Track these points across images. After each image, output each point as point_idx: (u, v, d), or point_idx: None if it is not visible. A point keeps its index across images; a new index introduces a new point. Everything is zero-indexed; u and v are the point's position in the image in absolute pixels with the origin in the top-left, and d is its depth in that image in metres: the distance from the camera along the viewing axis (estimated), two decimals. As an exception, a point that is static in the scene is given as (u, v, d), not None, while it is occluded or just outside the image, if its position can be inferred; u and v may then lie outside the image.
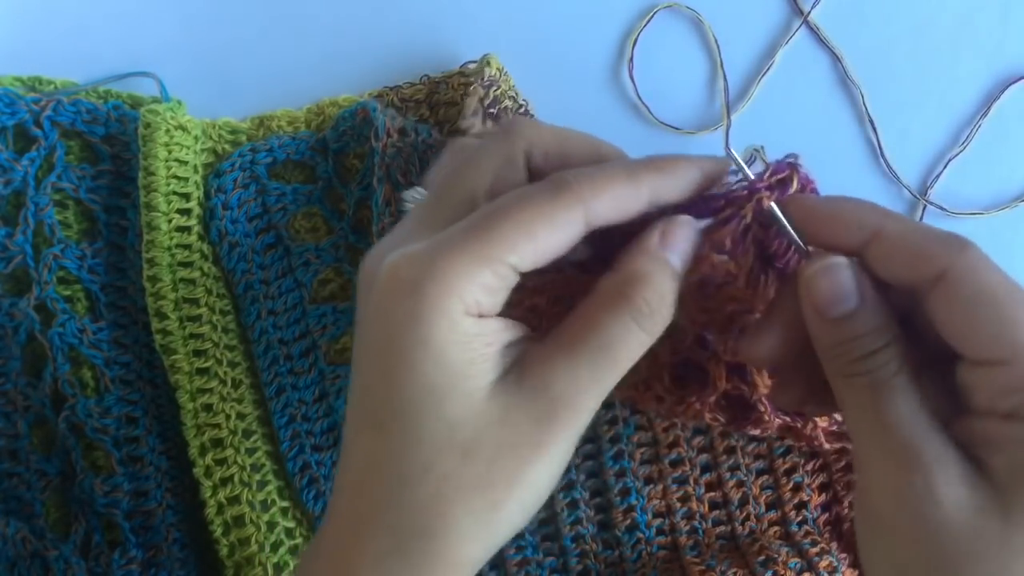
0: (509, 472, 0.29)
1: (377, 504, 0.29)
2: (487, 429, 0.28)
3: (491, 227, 0.29)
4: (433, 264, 0.28)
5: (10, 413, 0.44)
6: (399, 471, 0.29)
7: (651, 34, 0.48)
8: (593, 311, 0.30)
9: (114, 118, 0.46)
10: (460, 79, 0.47)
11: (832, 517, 0.42)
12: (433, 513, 0.28)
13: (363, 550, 0.29)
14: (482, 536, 0.29)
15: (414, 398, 0.28)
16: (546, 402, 0.29)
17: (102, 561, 0.42)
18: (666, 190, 0.30)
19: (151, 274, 0.43)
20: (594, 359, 0.29)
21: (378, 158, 0.43)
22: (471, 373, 0.29)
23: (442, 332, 0.28)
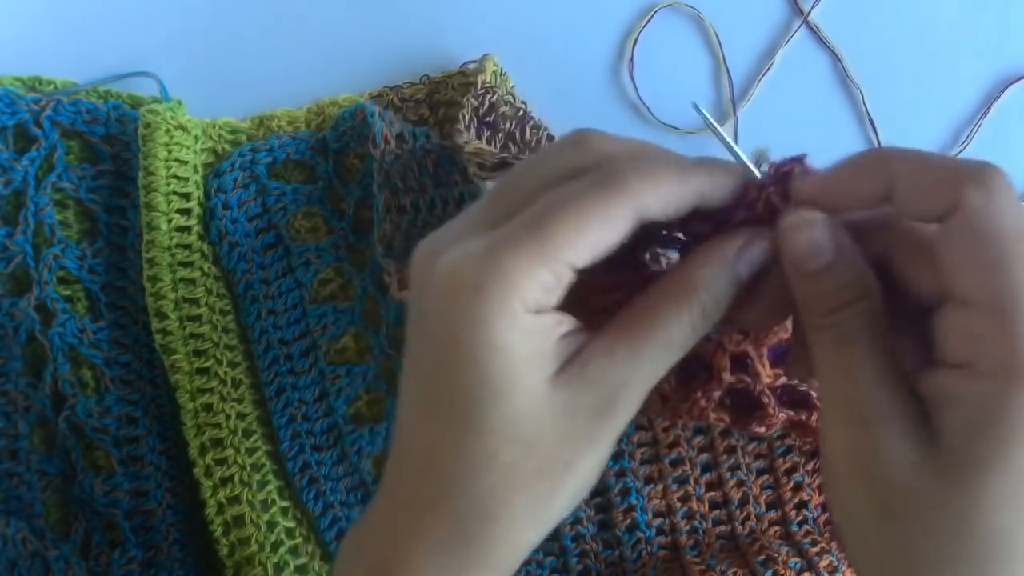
0: (567, 462, 0.30)
1: (440, 490, 0.30)
2: (550, 421, 0.30)
3: (547, 225, 0.29)
4: (491, 262, 0.29)
5: (10, 413, 0.44)
6: (465, 460, 0.30)
7: (651, 34, 0.48)
8: (658, 306, 0.31)
9: (114, 118, 0.46)
10: (460, 79, 0.47)
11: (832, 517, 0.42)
12: (496, 499, 0.30)
13: (424, 532, 0.30)
14: (538, 521, 0.30)
15: (480, 393, 0.29)
16: (606, 394, 0.30)
17: (102, 561, 0.42)
18: (711, 192, 0.31)
19: (151, 274, 0.43)
20: (656, 354, 0.30)
21: (376, 165, 0.43)
22: (533, 367, 0.29)
23: (505, 331, 0.29)
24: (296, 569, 0.42)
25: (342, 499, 0.44)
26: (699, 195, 0.31)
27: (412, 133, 0.44)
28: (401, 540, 0.31)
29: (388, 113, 0.45)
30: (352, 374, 0.44)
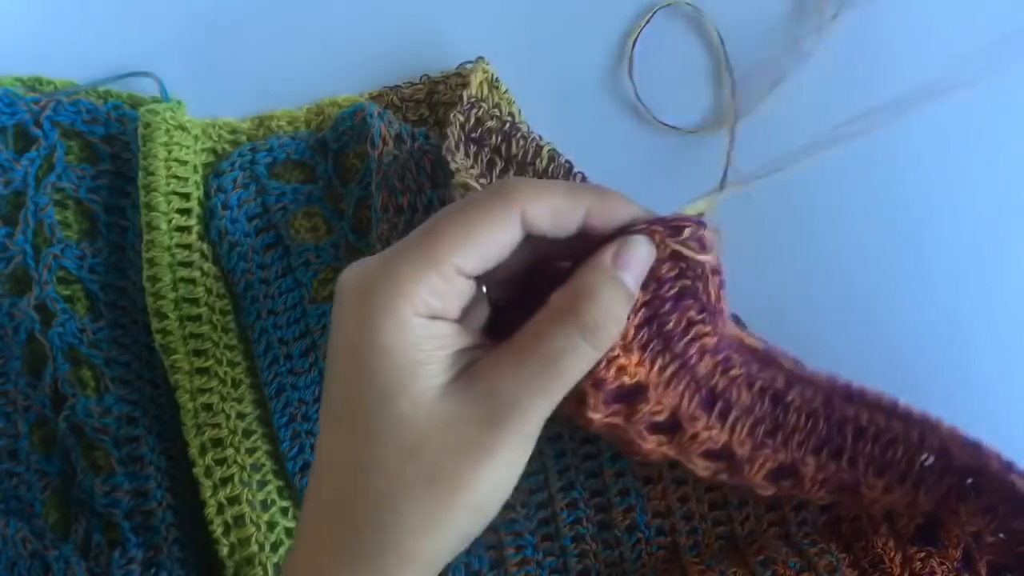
0: (453, 472, 0.30)
1: (336, 497, 0.31)
2: (434, 429, 0.30)
3: (433, 232, 0.31)
4: (381, 270, 0.30)
5: (10, 413, 0.44)
6: (355, 465, 0.30)
7: (651, 34, 0.48)
8: (543, 323, 0.31)
9: (114, 118, 0.46)
10: (458, 80, 0.47)
11: (831, 517, 0.42)
12: (383, 505, 0.30)
13: (325, 543, 0.31)
14: (433, 532, 0.30)
15: (366, 397, 0.30)
16: (492, 406, 0.30)
17: (102, 561, 0.42)
18: (600, 213, 0.32)
19: (151, 274, 0.43)
20: (540, 369, 0.31)
21: (375, 165, 0.43)
22: (420, 374, 0.30)
23: (391, 334, 0.30)
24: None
25: (342, 499, 0.44)
26: (588, 214, 0.32)
27: (411, 133, 0.44)
28: (313, 552, 0.31)
29: (387, 113, 0.45)
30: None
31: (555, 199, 0.31)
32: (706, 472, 0.37)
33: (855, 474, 0.37)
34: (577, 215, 0.32)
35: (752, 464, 0.37)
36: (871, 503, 0.38)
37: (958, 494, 0.38)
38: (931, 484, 0.38)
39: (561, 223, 0.32)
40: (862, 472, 0.37)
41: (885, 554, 0.40)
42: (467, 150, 0.41)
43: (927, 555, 0.40)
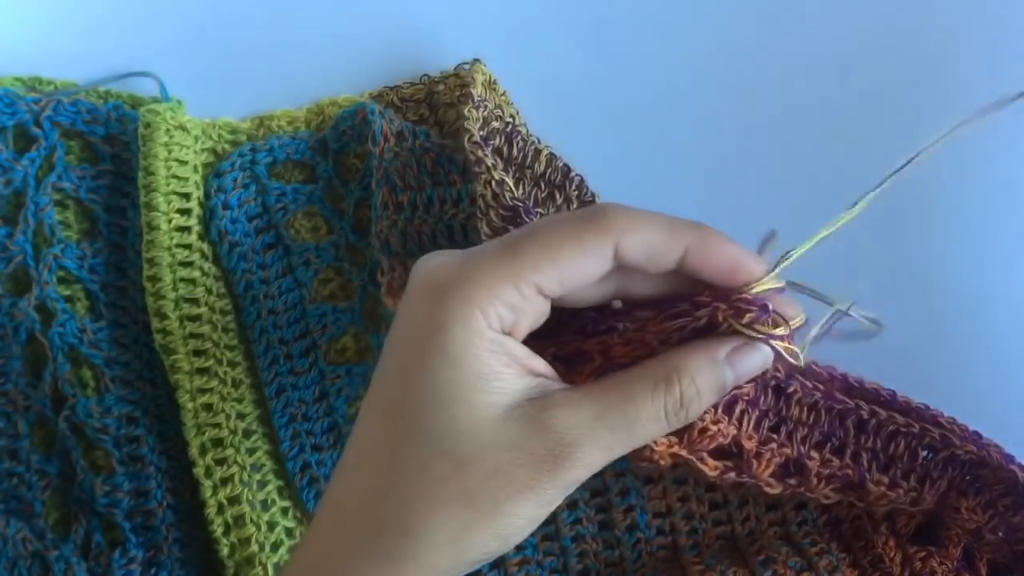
0: (494, 499, 0.29)
1: (367, 491, 0.30)
2: (489, 450, 0.29)
3: (518, 246, 0.29)
4: (460, 272, 0.29)
5: (10, 413, 0.44)
6: (396, 463, 0.29)
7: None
8: (634, 383, 0.30)
9: (114, 118, 0.46)
10: (456, 80, 0.47)
11: (832, 517, 0.42)
12: (414, 513, 0.29)
13: (347, 534, 0.30)
14: (452, 551, 0.29)
15: (426, 399, 0.29)
16: (555, 448, 0.29)
17: (102, 561, 0.42)
18: (700, 253, 0.30)
19: (151, 274, 0.43)
20: (617, 427, 0.30)
21: (376, 162, 0.43)
22: (483, 387, 0.29)
23: (459, 340, 0.29)
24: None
25: (342, 499, 0.44)
26: (687, 253, 0.30)
27: (412, 131, 0.44)
28: (327, 543, 0.30)
29: (389, 112, 0.45)
30: (352, 374, 0.45)
31: (652, 234, 0.30)
32: (715, 472, 0.36)
33: (860, 471, 0.37)
34: (675, 253, 0.30)
35: (760, 460, 0.36)
36: (877, 500, 0.38)
37: (959, 490, 0.38)
38: (935, 478, 0.38)
39: (656, 259, 0.30)
40: (866, 468, 0.37)
41: (885, 554, 0.40)
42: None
43: (927, 555, 0.40)
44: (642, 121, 0.48)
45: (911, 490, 0.38)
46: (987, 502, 0.38)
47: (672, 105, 0.48)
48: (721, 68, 0.48)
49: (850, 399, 0.38)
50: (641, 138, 0.48)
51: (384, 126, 0.43)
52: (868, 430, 0.37)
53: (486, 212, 0.38)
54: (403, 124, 0.44)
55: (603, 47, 0.49)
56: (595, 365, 0.32)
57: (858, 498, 0.38)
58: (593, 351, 0.32)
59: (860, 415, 0.37)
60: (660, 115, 0.48)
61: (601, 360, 0.32)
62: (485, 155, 0.38)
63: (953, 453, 0.37)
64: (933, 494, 0.38)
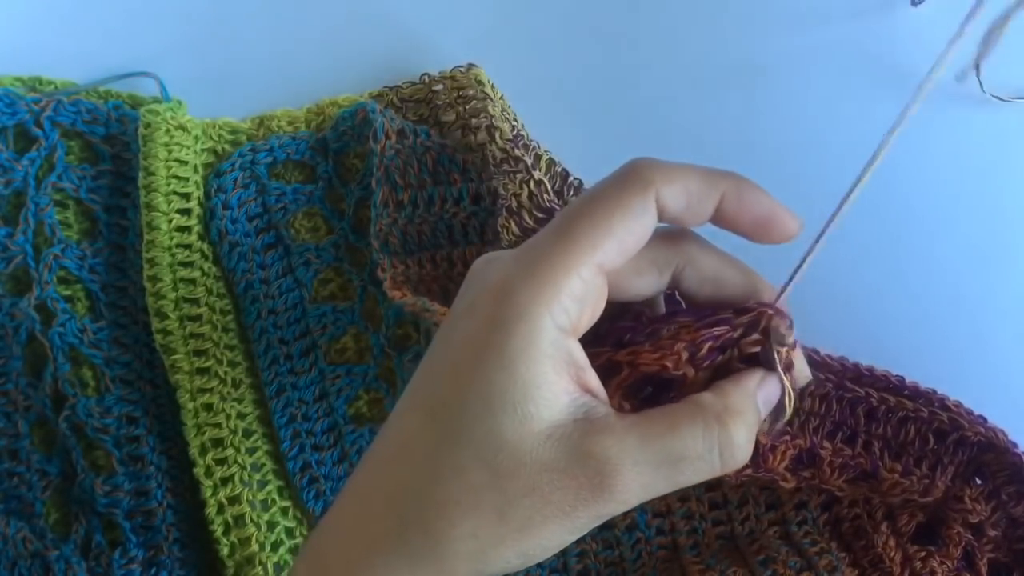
0: (527, 518, 0.28)
1: (400, 485, 0.29)
2: (530, 468, 0.28)
3: (570, 230, 0.28)
4: (522, 272, 0.28)
5: (11, 413, 0.44)
6: (433, 463, 0.28)
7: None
8: (684, 419, 0.29)
9: (114, 118, 0.46)
10: (452, 83, 0.47)
11: (832, 516, 0.42)
12: (444, 518, 0.28)
13: (371, 526, 0.29)
14: (474, 562, 0.28)
15: (475, 402, 0.28)
16: (596, 479, 0.28)
17: (102, 561, 0.42)
18: (735, 206, 0.30)
19: (151, 274, 0.43)
20: (662, 462, 0.29)
21: (376, 160, 0.43)
22: (533, 397, 0.28)
23: (520, 342, 0.28)
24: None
25: (342, 499, 0.44)
26: (724, 201, 0.30)
27: (413, 130, 0.44)
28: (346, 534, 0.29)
29: (389, 111, 0.45)
30: (352, 374, 0.45)
31: (689, 181, 0.29)
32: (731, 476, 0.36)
33: (872, 459, 0.37)
34: (712, 200, 0.29)
35: (775, 453, 0.36)
36: (891, 489, 0.37)
37: (963, 477, 0.38)
38: (946, 463, 0.37)
39: (694, 208, 0.29)
40: (878, 456, 0.37)
41: (885, 553, 0.40)
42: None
43: (927, 554, 0.40)
44: (639, 125, 0.48)
45: (923, 477, 0.37)
46: (990, 491, 0.38)
47: (669, 108, 0.48)
48: (719, 70, 0.48)
49: (860, 387, 0.37)
50: (638, 142, 0.47)
51: (385, 123, 0.43)
52: (879, 417, 0.37)
53: (517, 212, 0.37)
54: (404, 123, 0.44)
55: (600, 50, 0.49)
56: (623, 376, 0.31)
57: (871, 489, 0.38)
58: (623, 361, 0.31)
59: (870, 403, 0.37)
60: (657, 118, 0.48)
61: (629, 371, 0.31)
62: (523, 154, 0.38)
63: (963, 435, 0.37)
64: (944, 481, 0.38)
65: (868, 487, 0.38)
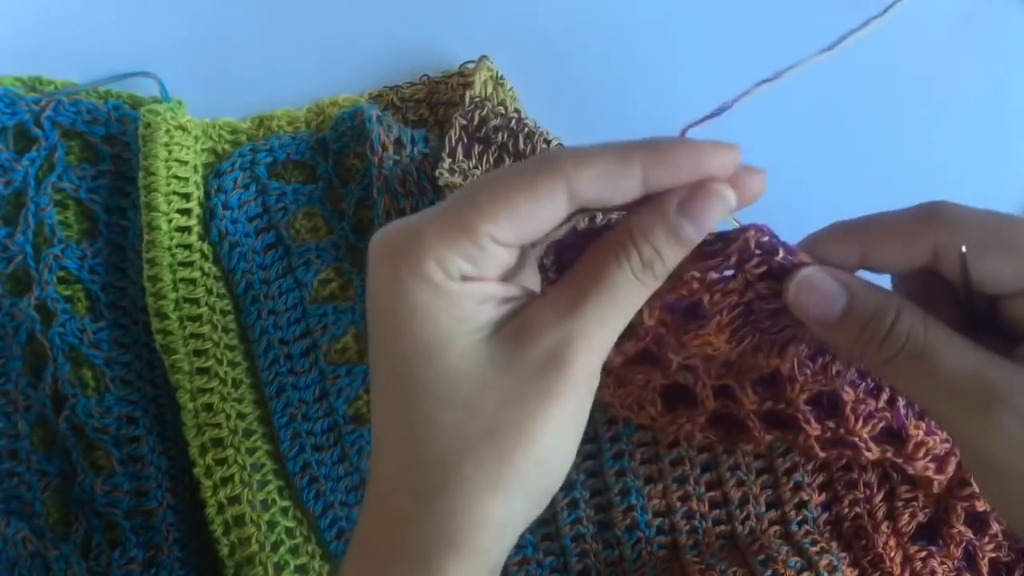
0: (514, 422, 0.28)
1: (397, 463, 0.30)
2: (490, 381, 0.28)
3: (471, 198, 0.29)
4: (412, 232, 0.29)
5: (11, 413, 0.44)
6: (408, 428, 0.29)
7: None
8: (598, 258, 0.30)
9: (114, 118, 0.46)
10: (459, 79, 0.47)
11: (832, 516, 0.42)
12: (446, 466, 0.28)
13: (394, 512, 0.29)
14: (499, 492, 0.28)
15: (410, 358, 0.29)
16: (550, 348, 0.28)
17: (102, 561, 0.42)
18: (661, 173, 0.29)
19: (151, 274, 0.43)
20: (600, 303, 0.29)
21: (375, 171, 0.43)
22: (464, 329, 0.29)
23: (425, 296, 0.28)
24: (296, 569, 0.42)
25: (342, 499, 0.44)
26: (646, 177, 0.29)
27: (410, 137, 0.44)
28: (381, 528, 0.30)
29: (387, 116, 0.45)
30: (352, 374, 0.45)
31: (603, 164, 0.28)
32: (753, 403, 0.36)
33: (897, 414, 0.37)
34: (633, 176, 0.29)
35: (793, 385, 0.36)
36: (916, 451, 0.37)
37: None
38: None
39: (615, 189, 0.29)
40: (903, 413, 0.37)
41: (886, 553, 0.40)
42: (471, 150, 0.41)
43: (928, 554, 0.40)
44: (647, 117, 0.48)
45: (944, 440, 0.37)
46: None
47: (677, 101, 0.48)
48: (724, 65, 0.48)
49: None
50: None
51: (381, 134, 0.43)
52: None
53: None
54: (401, 130, 0.44)
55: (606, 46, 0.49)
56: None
57: (896, 453, 0.37)
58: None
59: None
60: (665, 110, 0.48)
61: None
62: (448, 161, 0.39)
63: None
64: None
65: (894, 452, 0.37)
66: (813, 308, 0.30)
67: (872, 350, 0.29)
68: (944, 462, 0.37)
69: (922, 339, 0.29)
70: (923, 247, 0.30)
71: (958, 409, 0.28)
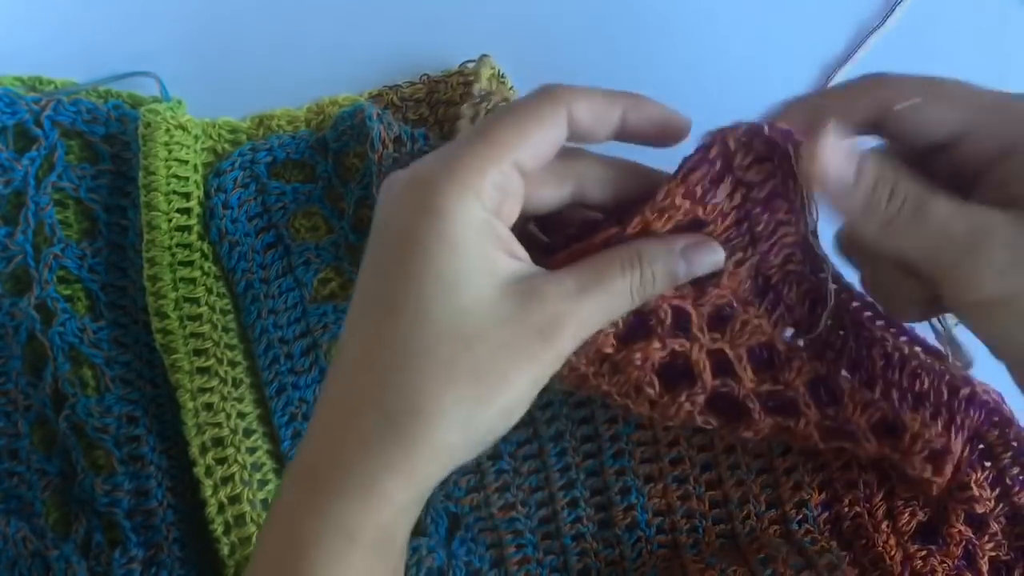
0: (502, 371, 0.31)
1: (373, 381, 0.31)
2: (493, 325, 0.31)
3: (488, 134, 0.32)
4: (447, 165, 0.31)
5: (11, 412, 0.44)
6: (402, 350, 0.31)
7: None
8: (606, 263, 0.33)
9: (114, 118, 0.46)
10: (459, 78, 0.47)
11: (832, 515, 0.42)
12: (426, 395, 0.30)
13: (351, 428, 0.31)
14: (464, 429, 0.31)
15: (427, 284, 0.31)
16: (551, 318, 0.32)
17: (103, 560, 0.42)
18: (635, 116, 0.34)
19: (151, 273, 0.43)
20: (596, 299, 0.33)
21: (375, 168, 0.43)
22: (484, 269, 0.31)
23: (459, 224, 0.31)
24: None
25: (342, 498, 0.44)
26: (624, 115, 0.34)
27: (410, 135, 0.44)
28: (330, 441, 0.31)
29: (387, 114, 0.45)
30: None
31: (595, 98, 0.33)
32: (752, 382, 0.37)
33: (892, 407, 0.37)
34: (615, 114, 0.34)
35: (790, 367, 0.37)
36: (913, 442, 0.37)
37: (969, 463, 0.37)
38: (960, 422, 0.37)
39: (600, 121, 0.33)
40: (898, 404, 0.37)
41: (886, 552, 0.40)
42: None
43: (928, 553, 0.40)
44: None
45: (940, 434, 0.37)
46: (995, 475, 0.38)
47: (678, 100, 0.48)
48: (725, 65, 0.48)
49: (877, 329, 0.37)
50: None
51: (382, 131, 0.43)
52: (894, 364, 0.37)
53: None
54: (401, 128, 0.44)
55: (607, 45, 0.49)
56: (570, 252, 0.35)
57: (892, 447, 0.37)
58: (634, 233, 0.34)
59: (885, 347, 0.37)
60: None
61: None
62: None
63: (973, 392, 0.37)
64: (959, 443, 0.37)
65: (889, 444, 0.37)
66: (834, 171, 0.32)
67: (879, 211, 0.33)
68: (941, 461, 0.37)
69: (919, 196, 0.32)
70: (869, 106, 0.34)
71: (952, 251, 0.32)
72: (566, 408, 0.44)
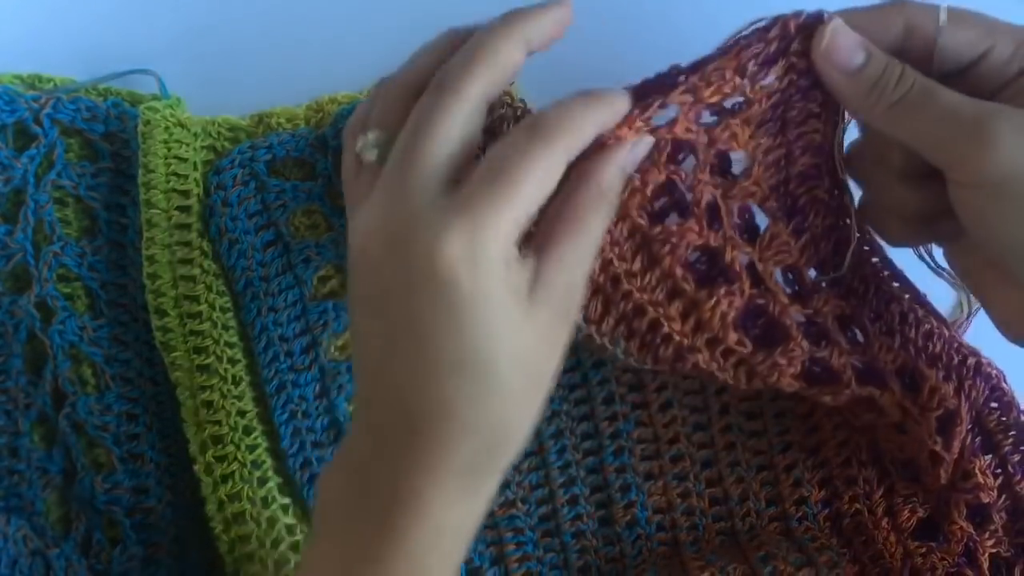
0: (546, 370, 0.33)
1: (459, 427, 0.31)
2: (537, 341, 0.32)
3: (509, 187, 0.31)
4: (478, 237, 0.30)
5: (11, 411, 0.44)
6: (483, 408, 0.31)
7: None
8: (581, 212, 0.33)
9: (114, 116, 0.46)
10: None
11: (832, 513, 0.42)
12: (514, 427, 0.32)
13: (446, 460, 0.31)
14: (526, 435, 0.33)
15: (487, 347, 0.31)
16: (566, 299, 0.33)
17: (103, 558, 0.42)
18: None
19: (151, 271, 0.43)
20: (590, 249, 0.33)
21: None
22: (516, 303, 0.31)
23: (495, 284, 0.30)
24: (297, 566, 0.42)
25: (342, 496, 0.44)
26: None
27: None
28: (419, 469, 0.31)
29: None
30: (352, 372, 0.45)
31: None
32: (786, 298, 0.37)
33: (910, 356, 0.37)
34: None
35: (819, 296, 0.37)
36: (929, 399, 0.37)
37: (972, 451, 0.37)
38: (968, 389, 0.37)
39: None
40: (914, 356, 0.37)
41: (886, 549, 0.40)
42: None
43: (928, 551, 0.40)
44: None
45: (953, 396, 0.37)
46: (998, 463, 0.38)
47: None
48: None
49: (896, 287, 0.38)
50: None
51: None
52: (909, 322, 0.38)
53: None
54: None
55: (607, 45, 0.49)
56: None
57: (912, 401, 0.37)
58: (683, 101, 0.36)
59: (902, 307, 0.38)
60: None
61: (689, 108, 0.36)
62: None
63: (980, 361, 0.37)
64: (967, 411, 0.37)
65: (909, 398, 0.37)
66: (842, 54, 0.34)
67: (886, 94, 0.34)
68: (951, 430, 0.37)
69: (926, 82, 0.34)
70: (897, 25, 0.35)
71: (960, 131, 0.32)
72: (566, 405, 0.44)
